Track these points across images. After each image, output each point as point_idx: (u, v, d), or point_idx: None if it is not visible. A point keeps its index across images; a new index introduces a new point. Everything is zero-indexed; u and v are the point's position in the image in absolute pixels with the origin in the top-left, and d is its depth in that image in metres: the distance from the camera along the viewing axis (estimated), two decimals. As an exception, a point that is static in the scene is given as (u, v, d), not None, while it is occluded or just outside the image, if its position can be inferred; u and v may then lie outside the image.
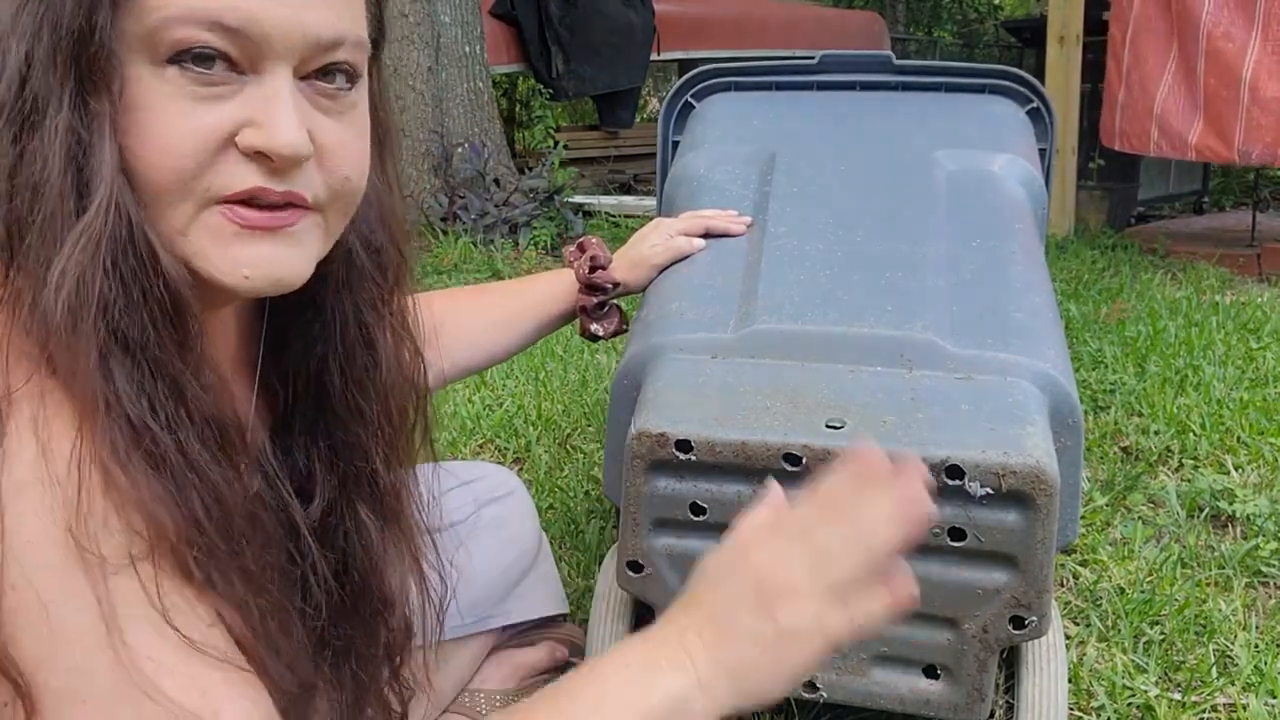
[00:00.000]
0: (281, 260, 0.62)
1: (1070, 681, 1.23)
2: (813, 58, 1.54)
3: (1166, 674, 1.27)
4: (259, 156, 0.60)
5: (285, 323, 0.74)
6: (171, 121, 0.58)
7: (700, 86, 1.53)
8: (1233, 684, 1.23)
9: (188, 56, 0.57)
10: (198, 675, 0.57)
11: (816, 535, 0.61)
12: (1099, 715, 1.19)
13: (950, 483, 0.87)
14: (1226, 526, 1.66)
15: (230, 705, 0.57)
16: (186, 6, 0.57)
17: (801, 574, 0.60)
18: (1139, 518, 1.69)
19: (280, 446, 0.75)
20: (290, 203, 0.62)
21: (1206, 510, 1.69)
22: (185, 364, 0.60)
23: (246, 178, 0.60)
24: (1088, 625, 1.37)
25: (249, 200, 0.61)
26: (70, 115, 0.56)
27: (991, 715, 1.15)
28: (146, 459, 0.57)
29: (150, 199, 0.59)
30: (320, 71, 0.62)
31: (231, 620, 0.60)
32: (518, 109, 6.88)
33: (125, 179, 0.58)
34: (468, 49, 5.05)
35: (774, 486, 0.66)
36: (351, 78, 0.64)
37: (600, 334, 1.22)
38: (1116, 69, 4.05)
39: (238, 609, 0.60)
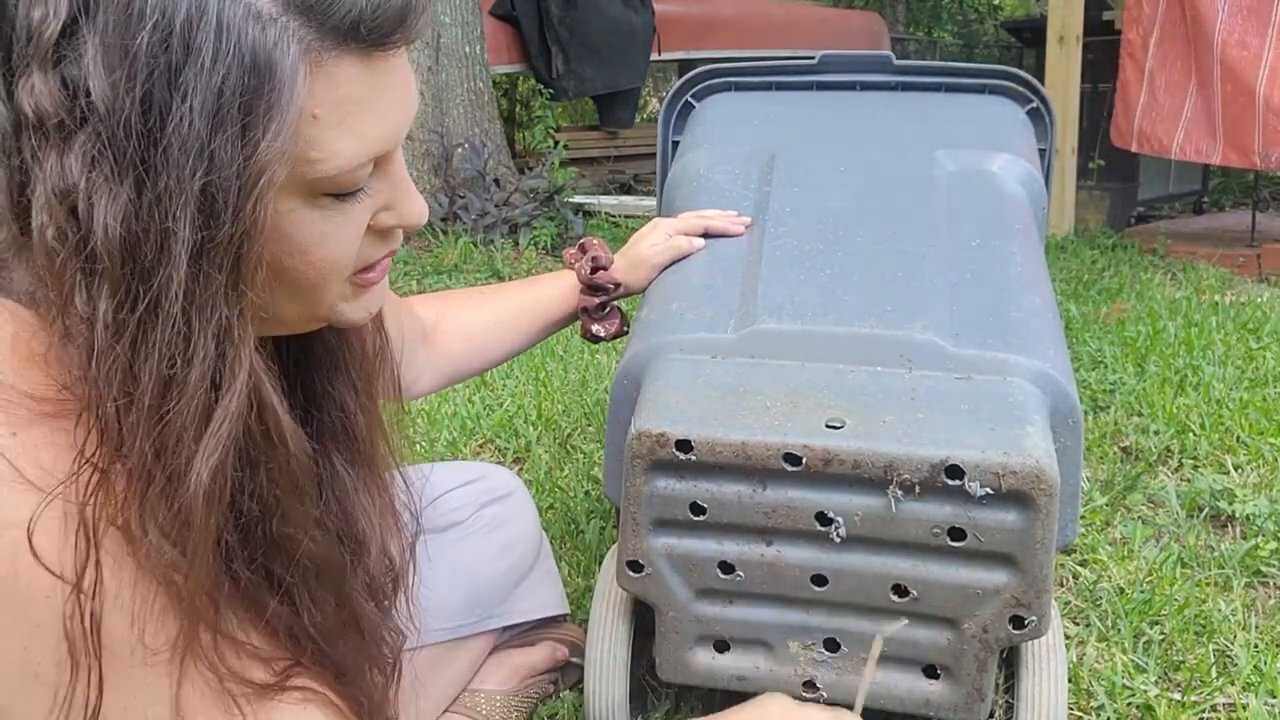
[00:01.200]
0: (385, 292, 0.71)
1: (1070, 681, 1.23)
2: (813, 58, 1.54)
3: (1166, 674, 1.27)
4: (390, 231, 0.65)
5: None
6: (332, 237, 0.60)
7: (700, 86, 1.53)
8: (1232, 684, 1.23)
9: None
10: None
11: None
12: (1099, 715, 1.19)
13: (950, 483, 0.87)
14: (1226, 526, 1.67)
15: None
16: (352, 157, 0.57)
17: None
18: (1139, 518, 1.69)
19: None
20: None
21: (1206, 510, 1.69)
22: (302, 525, 0.63)
23: (378, 250, 0.66)
24: (1088, 625, 1.37)
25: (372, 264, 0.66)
26: (226, 311, 0.53)
27: (991, 715, 1.15)
28: (252, 616, 0.62)
29: (303, 296, 0.62)
30: None
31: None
32: (518, 109, 6.88)
33: (259, 352, 0.58)
34: (468, 49, 5.05)
35: None
36: None
37: (601, 335, 1.22)
38: (1136, 72, 4.06)
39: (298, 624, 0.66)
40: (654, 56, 6.80)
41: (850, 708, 0.88)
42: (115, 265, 0.51)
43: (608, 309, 1.23)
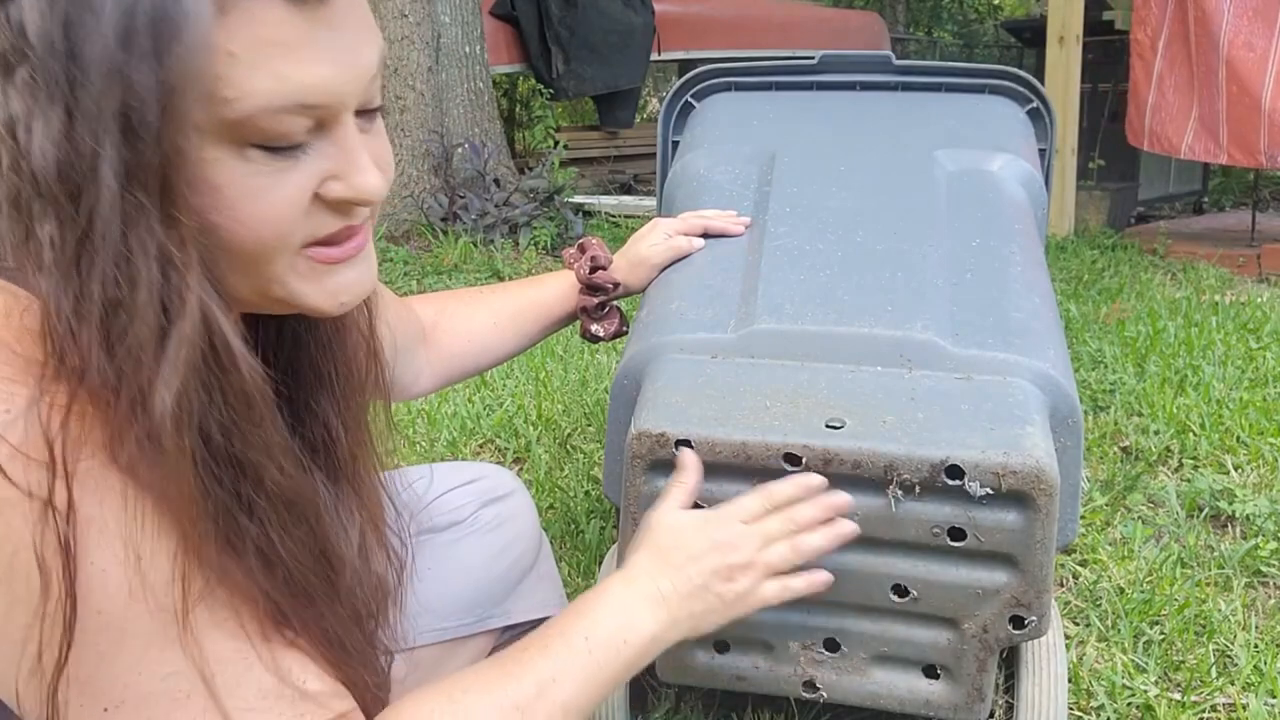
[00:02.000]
0: (364, 279, 0.68)
1: (1070, 681, 1.23)
2: (813, 58, 1.54)
3: (1166, 674, 1.27)
4: (342, 203, 0.63)
5: None
6: (262, 195, 0.59)
7: (700, 86, 1.53)
8: (1232, 684, 1.23)
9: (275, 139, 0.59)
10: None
11: (765, 523, 0.85)
12: (1099, 715, 1.19)
13: (950, 483, 0.87)
14: (1226, 526, 1.67)
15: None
16: (269, 98, 0.56)
17: (754, 551, 0.84)
18: (1139, 518, 1.69)
19: None
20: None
21: (1206, 510, 1.69)
22: (265, 450, 0.63)
23: (331, 223, 0.63)
24: (1088, 625, 1.37)
25: (329, 239, 0.64)
26: (161, 235, 0.55)
27: (991, 715, 1.15)
28: (234, 553, 0.62)
29: (245, 263, 0.61)
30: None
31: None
32: (518, 109, 6.89)
33: (208, 278, 0.58)
34: (468, 49, 5.05)
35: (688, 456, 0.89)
36: (379, 96, 0.66)
37: (601, 335, 1.22)
38: (1145, 72, 4.09)
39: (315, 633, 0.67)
40: (654, 56, 6.80)
41: (850, 708, 0.88)
42: (53, 188, 0.53)
43: (607, 309, 1.23)
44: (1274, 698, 1.21)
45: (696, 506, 0.92)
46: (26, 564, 0.54)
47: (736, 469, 0.91)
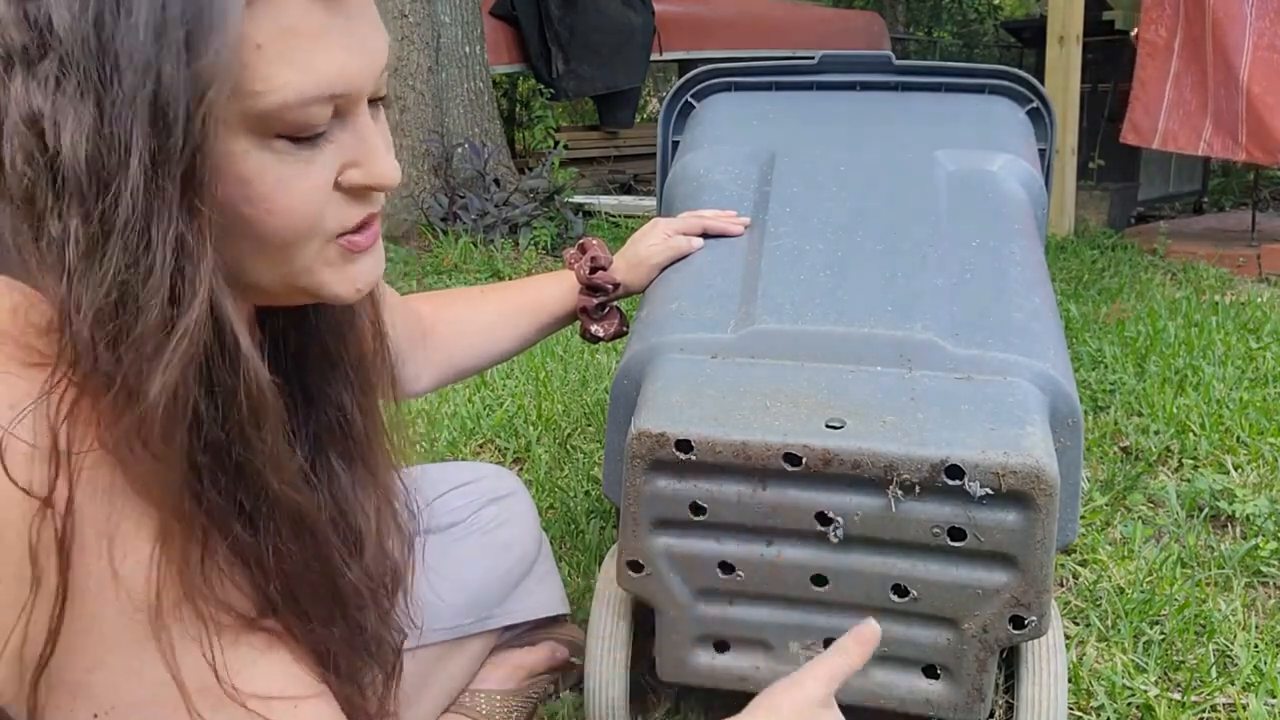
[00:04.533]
0: (377, 265, 0.69)
1: (1070, 681, 1.23)
2: (813, 58, 1.54)
3: (1166, 674, 1.27)
4: (362, 190, 0.64)
5: None
6: (290, 185, 0.60)
7: (700, 86, 1.53)
8: (1233, 684, 1.23)
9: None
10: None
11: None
12: (1099, 715, 1.19)
13: (950, 483, 0.87)
14: (1226, 526, 1.67)
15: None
16: (297, 90, 0.58)
17: None
18: (1139, 518, 1.69)
19: None
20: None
21: (1206, 510, 1.69)
22: (268, 462, 0.63)
23: (357, 211, 0.65)
24: (1088, 625, 1.37)
25: (359, 227, 0.65)
26: (180, 226, 0.56)
27: (991, 715, 1.15)
28: (226, 556, 0.62)
29: (276, 253, 0.62)
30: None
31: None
32: (518, 109, 6.88)
33: (220, 274, 0.58)
34: (468, 49, 5.05)
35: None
36: (384, 85, 0.67)
37: (601, 335, 1.22)
38: (1159, 71, 4.12)
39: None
40: (654, 56, 6.80)
41: (850, 707, 0.88)
42: (82, 181, 0.54)
43: (607, 309, 1.23)
44: (1274, 698, 1.21)
45: (699, 507, 0.93)
46: (20, 559, 0.54)
47: (736, 469, 0.91)
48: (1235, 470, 1.84)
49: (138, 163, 0.54)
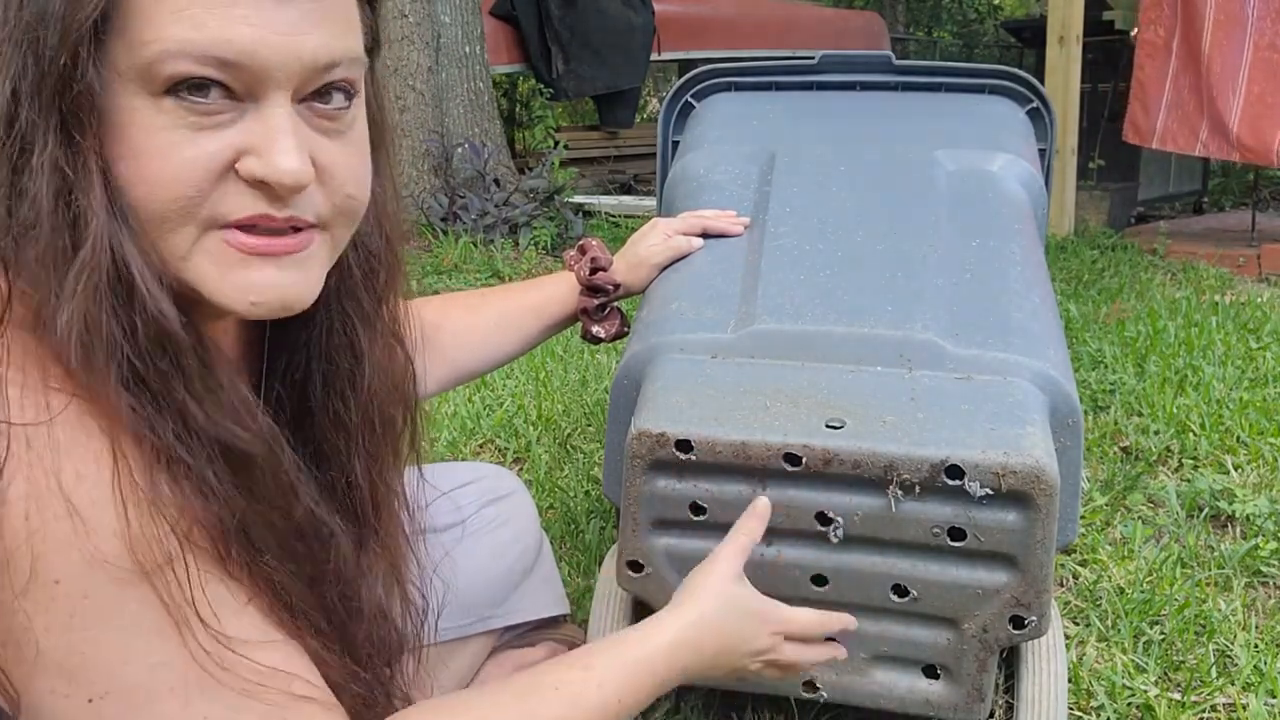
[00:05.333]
0: (288, 284, 0.64)
1: (1070, 681, 1.23)
2: (812, 58, 1.54)
3: (1166, 674, 1.27)
4: (261, 184, 0.60)
5: (277, 331, 0.75)
6: (170, 151, 0.58)
7: (700, 86, 1.53)
8: (1232, 684, 1.23)
9: (184, 88, 0.58)
10: (267, 651, 0.63)
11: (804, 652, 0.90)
12: (1099, 715, 1.19)
13: (950, 483, 0.87)
14: (1226, 526, 1.67)
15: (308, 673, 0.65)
16: (182, 41, 0.57)
17: (779, 658, 0.88)
18: (1139, 518, 1.69)
19: None
20: (295, 226, 0.63)
21: (1206, 510, 1.69)
22: (189, 392, 0.61)
23: (248, 205, 0.61)
24: (1088, 625, 1.37)
25: (250, 226, 0.62)
26: (57, 152, 0.57)
27: (991, 715, 1.15)
28: (170, 476, 0.60)
29: (151, 225, 0.60)
30: (318, 92, 0.63)
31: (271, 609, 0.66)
32: (518, 109, 6.88)
33: (116, 213, 0.58)
34: (468, 49, 5.05)
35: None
36: (350, 95, 0.65)
37: (601, 336, 1.22)
38: (1157, 71, 4.14)
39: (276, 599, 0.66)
40: (654, 56, 6.80)
41: (850, 708, 0.88)
42: None
43: (607, 310, 1.23)
44: (1274, 698, 1.21)
45: (699, 507, 0.93)
46: None
47: (736, 469, 0.91)
48: (1235, 470, 1.84)
49: (24, 87, 0.56)
